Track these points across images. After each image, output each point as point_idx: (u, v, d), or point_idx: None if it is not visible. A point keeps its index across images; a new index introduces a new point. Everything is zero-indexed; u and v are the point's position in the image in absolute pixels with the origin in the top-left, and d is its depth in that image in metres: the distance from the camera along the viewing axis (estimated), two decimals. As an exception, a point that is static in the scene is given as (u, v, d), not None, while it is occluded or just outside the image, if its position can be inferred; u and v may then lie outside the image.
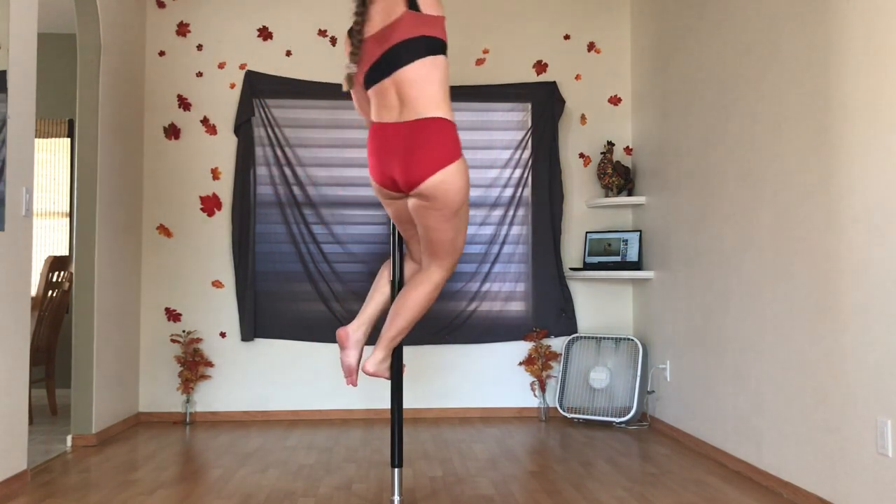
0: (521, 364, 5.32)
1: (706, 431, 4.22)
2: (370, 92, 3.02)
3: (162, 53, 5.31)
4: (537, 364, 5.22)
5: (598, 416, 5.04)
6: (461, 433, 4.76)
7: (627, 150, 5.47)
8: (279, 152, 5.29)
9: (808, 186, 3.27)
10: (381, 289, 3.27)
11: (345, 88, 3.06)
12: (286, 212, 5.27)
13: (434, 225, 2.95)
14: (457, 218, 2.96)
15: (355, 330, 3.18)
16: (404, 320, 3.06)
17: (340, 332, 3.17)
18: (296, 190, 5.28)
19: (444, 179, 2.85)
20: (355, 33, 2.98)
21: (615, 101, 5.50)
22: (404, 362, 4.71)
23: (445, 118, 2.88)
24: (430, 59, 2.89)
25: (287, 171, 5.28)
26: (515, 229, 5.40)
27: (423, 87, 2.87)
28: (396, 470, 3.24)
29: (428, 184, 2.85)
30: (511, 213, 5.38)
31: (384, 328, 3.12)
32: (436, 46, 2.91)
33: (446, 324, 5.29)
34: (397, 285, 3.25)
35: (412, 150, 2.86)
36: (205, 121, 5.30)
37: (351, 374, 3.16)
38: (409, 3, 2.91)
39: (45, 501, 3.32)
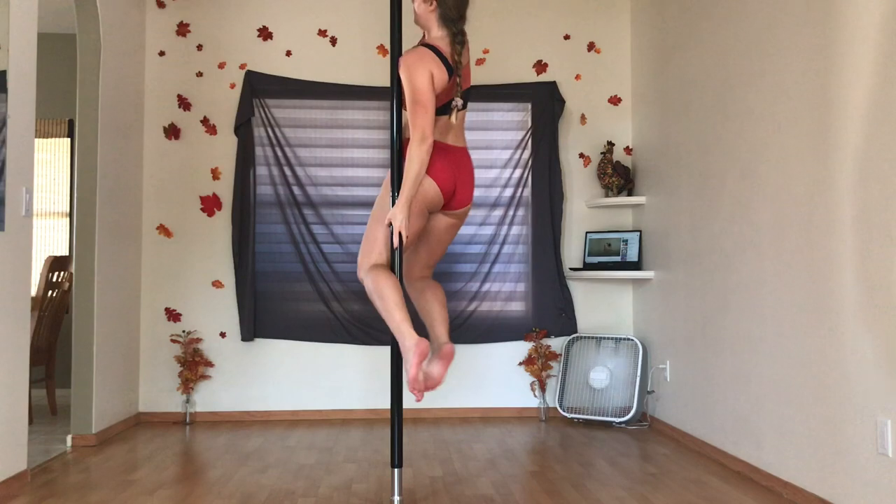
0: (521, 364, 5.32)
1: (706, 431, 4.22)
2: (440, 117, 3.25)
3: (162, 53, 5.31)
4: (537, 364, 5.22)
5: (598, 416, 5.04)
6: (461, 433, 4.76)
7: (627, 150, 5.47)
8: (279, 152, 5.29)
9: (808, 186, 3.27)
10: (407, 300, 3.21)
11: (454, 121, 3.21)
12: (286, 212, 5.27)
13: (450, 238, 3.39)
14: None
15: None
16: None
17: (425, 344, 2.98)
18: (296, 190, 5.28)
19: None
20: (457, 66, 3.17)
21: (615, 101, 5.50)
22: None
23: None
24: None
25: (287, 171, 5.28)
26: (515, 229, 5.40)
27: (463, 126, 3.33)
28: (396, 470, 3.24)
29: (469, 205, 3.32)
30: (511, 213, 5.38)
31: (439, 337, 3.22)
32: None
33: (446, 324, 5.29)
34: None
35: (469, 175, 3.28)
36: (205, 121, 5.30)
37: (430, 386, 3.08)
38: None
39: (45, 501, 3.32)
